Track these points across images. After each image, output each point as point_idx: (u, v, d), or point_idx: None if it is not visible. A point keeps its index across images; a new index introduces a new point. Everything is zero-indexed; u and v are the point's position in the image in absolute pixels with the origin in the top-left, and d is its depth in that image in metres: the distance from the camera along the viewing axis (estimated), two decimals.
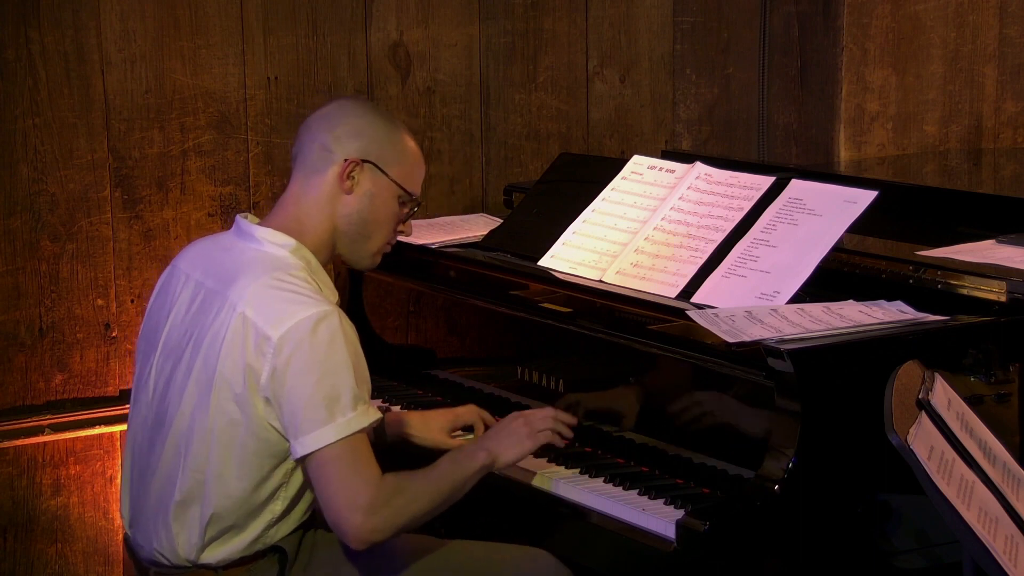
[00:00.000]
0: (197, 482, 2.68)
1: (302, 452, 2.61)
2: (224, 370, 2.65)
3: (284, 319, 2.61)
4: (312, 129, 2.83)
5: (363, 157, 2.80)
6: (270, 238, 2.76)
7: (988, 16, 4.40)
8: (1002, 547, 2.10)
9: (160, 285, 2.90)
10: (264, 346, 2.61)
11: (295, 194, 2.82)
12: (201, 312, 2.73)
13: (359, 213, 2.81)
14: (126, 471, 2.88)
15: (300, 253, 2.76)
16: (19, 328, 3.57)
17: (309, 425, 2.59)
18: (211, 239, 2.91)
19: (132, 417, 2.87)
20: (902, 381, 2.36)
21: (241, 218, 2.82)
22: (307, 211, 2.80)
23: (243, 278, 2.69)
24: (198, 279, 2.78)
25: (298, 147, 2.85)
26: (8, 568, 3.60)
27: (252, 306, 2.64)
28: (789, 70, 4.31)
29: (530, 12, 4.08)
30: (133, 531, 2.84)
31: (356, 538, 2.60)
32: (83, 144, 3.58)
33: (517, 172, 4.09)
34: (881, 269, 3.01)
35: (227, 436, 2.66)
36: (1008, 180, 4.17)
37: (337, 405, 2.59)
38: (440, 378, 3.47)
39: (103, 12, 3.57)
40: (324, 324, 2.60)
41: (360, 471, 2.60)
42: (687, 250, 3.12)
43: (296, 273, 2.70)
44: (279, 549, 2.73)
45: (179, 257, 2.89)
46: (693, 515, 2.59)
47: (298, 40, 3.80)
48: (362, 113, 2.85)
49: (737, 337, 2.64)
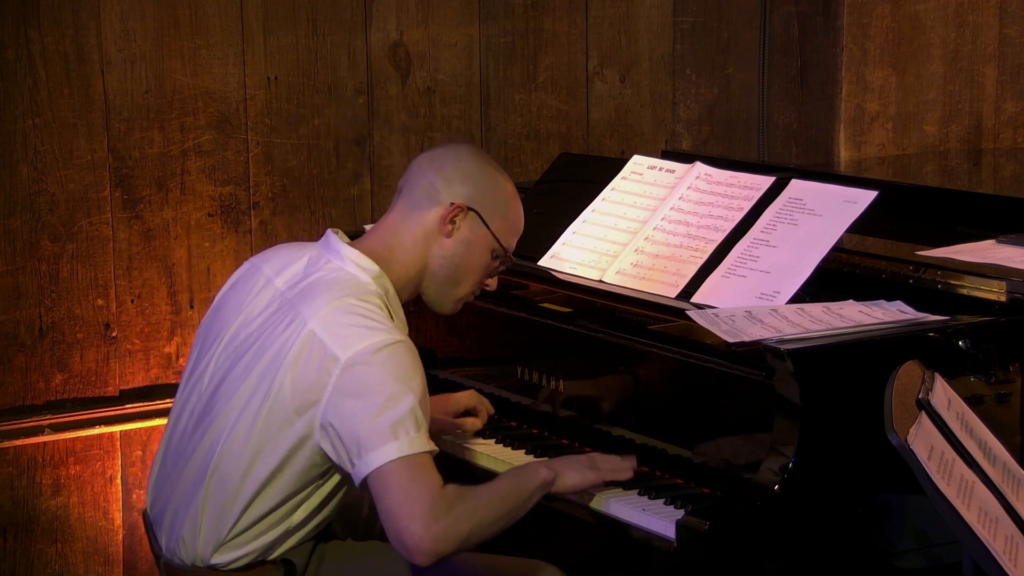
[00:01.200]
0: (227, 486, 2.66)
1: (365, 471, 2.54)
2: (283, 382, 2.62)
3: (353, 342, 2.58)
4: (424, 166, 2.84)
5: (469, 204, 2.80)
6: (356, 259, 2.74)
7: (988, 16, 4.40)
8: (1002, 547, 2.10)
9: (236, 279, 2.87)
10: (330, 366, 2.58)
11: (393, 223, 2.81)
12: (273, 320, 2.70)
13: (452, 258, 2.81)
14: (161, 450, 2.84)
15: (381, 281, 2.74)
16: (19, 328, 3.57)
17: (371, 444, 2.53)
18: (297, 247, 2.88)
19: (179, 401, 2.83)
20: (902, 381, 2.36)
21: (332, 232, 2.80)
22: (401, 243, 2.79)
23: (320, 296, 2.67)
24: (279, 287, 2.75)
25: (405, 179, 2.85)
26: (8, 568, 3.60)
27: (323, 325, 2.62)
28: (789, 70, 4.32)
29: (530, 12, 4.08)
30: (155, 512, 2.82)
31: (418, 550, 2.50)
32: (83, 144, 3.58)
33: (517, 172, 4.09)
34: (881, 269, 3.01)
35: (269, 449, 2.63)
36: (1008, 180, 4.17)
37: (401, 426, 2.54)
38: (440, 378, 3.47)
39: (103, 12, 3.57)
40: (391, 350, 2.58)
41: (419, 482, 2.53)
42: (687, 250, 3.12)
43: (372, 300, 2.68)
44: (288, 562, 2.72)
45: (261, 257, 2.87)
46: (693, 515, 2.59)
47: (298, 40, 3.80)
48: (476, 161, 2.85)
49: (737, 337, 2.64)
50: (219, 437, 2.69)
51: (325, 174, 3.84)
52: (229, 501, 2.67)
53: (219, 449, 2.68)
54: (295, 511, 2.69)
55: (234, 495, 2.67)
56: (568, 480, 2.72)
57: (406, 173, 2.87)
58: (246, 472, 2.66)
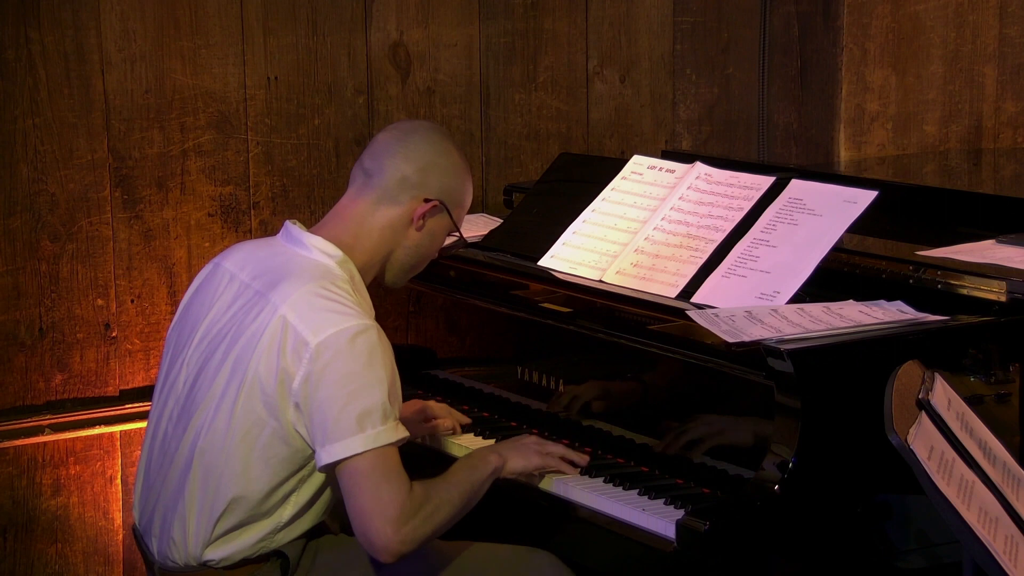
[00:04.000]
0: (212, 477, 2.69)
1: (327, 460, 2.61)
2: (257, 370, 2.65)
3: (325, 327, 2.61)
4: (395, 155, 2.85)
5: (441, 198, 2.86)
6: (320, 246, 2.77)
7: (988, 16, 4.40)
8: (1002, 547, 2.11)
9: (200, 281, 2.89)
10: (301, 350, 2.61)
11: (360, 212, 2.84)
12: (242, 312, 2.73)
13: (418, 248, 2.88)
14: (143, 461, 2.87)
15: (346, 266, 2.77)
16: (19, 328, 3.57)
17: (337, 434, 2.59)
18: (258, 242, 2.93)
19: (156, 407, 2.86)
20: (902, 381, 2.36)
21: (290, 223, 2.84)
22: (368, 232, 2.82)
23: (288, 282, 2.70)
24: (244, 280, 2.78)
25: (375, 165, 2.85)
26: (8, 568, 3.60)
27: (294, 310, 2.65)
28: (789, 70, 4.32)
29: (530, 12, 4.08)
30: (144, 521, 2.83)
31: (386, 550, 2.60)
32: (83, 144, 3.58)
33: (517, 172, 4.09)
34: (881, 269, 3.01)
35: (250, 436, 2.66)
36: (1008, 180, 4.17)
37: (368, 418, 2.60)
38: (440, 378, 3.47)
39: (103, 12, 3.57)
40: (363, 337, 2.62)
41: (391, 482, 2.60)
42: (687, 250, 3.12)
43: (340, 284, 2.71)
44: (282, 554, 2.73)
45: (223, 256, 2.89)
46: (693, 515, 2.59)
47: (298, 40, 3.80)
48: (446, 151, 2.89)
49: (737, 337, 2.64)
50: (200, 431, 2.71)
51: (325, 174, 3.84)
52: (215, 493, 2.69)
53: (201, 443, 2.71)
54: (284, 505, 2.71)
55: (219, 486, 2.68)
56: (514, 464, 2.84)
57: (373, 154, 2.87)
58: (228, 462, 2.68)
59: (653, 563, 2.65)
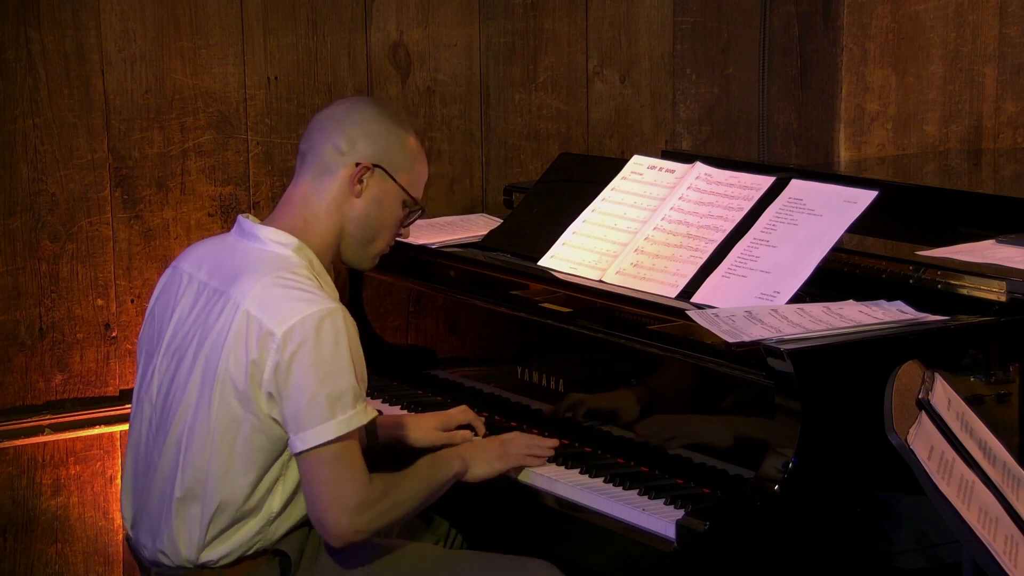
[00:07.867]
0: (198, 479, 2.69)
1: (303, 447, 2.63)
2: (227, 367, 2.66)
3: (288, 315, 2.62)
4: (325, 130, 2.83)
5: (375, 162, 2.81)
6: (273, 237, 2.77)
7: (988, 16, 4.40)
8: (1002, 547, 2.11)
9: (161, 287, 2.90)
10: (268, 341, 2.62)
11: (303, 194, 2.82)
12: (205, 312, 2.74)
13: (366, 218, 2.83)
14: (128, 471, 2.88)
15: (303, 252, 2.77)
16: (19, 328, 3.57)
17: (311, 420, 2.61)
18: (213, 240, 2.92)
19: (134, 416, 2.87)
20: (902, 381, 2.36)
21: (243, 218, 2.83)
22: (315, 212, 2.81)
23: (247, 277, 2.70)
24: (202, 279, 2.79)
25: (308, 146, 2.85)
26: (8, 568, 3.60)
27: (256, 303, 2.66)
28: (789, 70, 4.32)
29: (530, 12, 4.08)
30: (135, 531, 2.84)
31: (339, 537, 2.65)
32: (83, 144, 3.58)
33: (517, 172, 4.09)
34: (881, 269, 3.01)
35: (230, 433, 2.67)
36: (1008, 180, 4.17)
37: (339, 403, 2.62)
38: (440, 378, 3.47)
39: (103, 12, 3.57)
40: (328, 321, 2.62)
41: (353, 471, 2.64)
42: (687, 250, 3.12)
43: (299, 271, 2.71)
44: (280, 552, 2.73)
45: (180, 259, 2.90)
46: (693, 515, 2.59)
47: (298, 40, 3.80)
48: (375, 116, 2.85)
49: (737, 337, 2.64)
50: (181, 436, 2.72)
51: None
52: (203, 500, 2.69)
53: (183, 447, 2.72)
54: (271, 495, 2.71)
55: (206, 492, 2.69)
56: (477, 471, 2.87)
57: (307, 137, 2.86)
58: (213, 466, 2.69)
59: (653, 563, 2.65)
